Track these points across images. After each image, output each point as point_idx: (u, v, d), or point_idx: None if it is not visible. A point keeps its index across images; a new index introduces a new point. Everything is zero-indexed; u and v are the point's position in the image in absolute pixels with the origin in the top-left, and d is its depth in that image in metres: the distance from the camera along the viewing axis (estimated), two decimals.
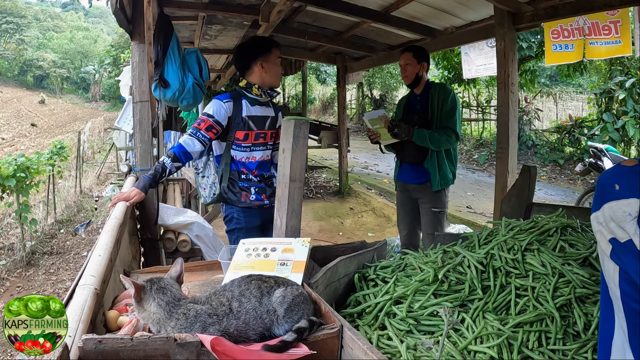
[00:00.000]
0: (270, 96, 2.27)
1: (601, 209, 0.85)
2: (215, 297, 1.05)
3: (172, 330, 0.98)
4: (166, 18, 3.06)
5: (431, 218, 2.91)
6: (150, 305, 1.02)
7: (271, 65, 2.23)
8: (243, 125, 2.19)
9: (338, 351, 1.04)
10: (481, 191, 7.38)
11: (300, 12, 4.48)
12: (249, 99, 2.24)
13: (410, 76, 2.88)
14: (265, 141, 2.28)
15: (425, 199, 2.93)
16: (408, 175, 3.01)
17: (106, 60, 22.87)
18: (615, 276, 0.82)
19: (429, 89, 2.89)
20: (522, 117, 9.97)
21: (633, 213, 0.78)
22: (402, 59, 2.90)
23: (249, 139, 2.22)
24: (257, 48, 2.24)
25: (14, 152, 10.87)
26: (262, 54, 2.22)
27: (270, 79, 2.25)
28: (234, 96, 2.23)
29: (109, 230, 1.61)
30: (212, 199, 2.26)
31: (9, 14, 40.56)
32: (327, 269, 1.34)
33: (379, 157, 10.71)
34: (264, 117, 2.27)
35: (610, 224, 0.82)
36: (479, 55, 5.25)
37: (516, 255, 1.35)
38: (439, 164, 2.85)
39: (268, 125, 2.29)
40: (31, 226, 5.48)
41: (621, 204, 0.80)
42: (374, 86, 17.57)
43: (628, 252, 0.79)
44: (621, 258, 0.80)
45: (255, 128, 2.23)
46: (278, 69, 2.26)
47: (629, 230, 0.78)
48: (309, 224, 6.01)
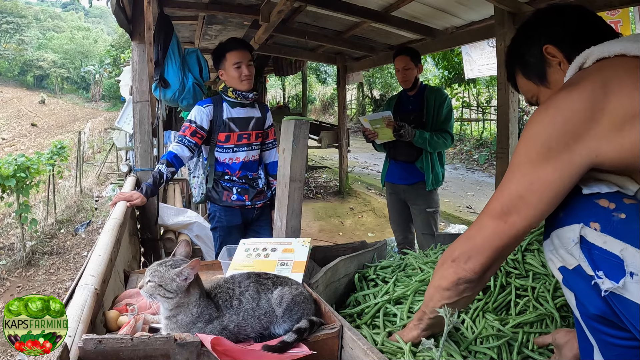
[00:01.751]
0: (245, 98, 2.26)
1: (550, 237, 0.87)
2: (219, 291, 1.05)
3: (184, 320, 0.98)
4: (166, 18, 3.06)
5: (425, 218, 2.93)
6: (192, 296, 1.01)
7: (227, 70, 2.24)
8: (224, 127, 2.25)
9: (338, 351, 1.04)
10: (481, 191, 7.37)
11: (300, 12, 4.47)
12: (229, 101, 2.28)
13: (411, 79, 2.91)
14: (249, 142, 2.32)
15: (417, 200, 2.96)
16: (398, 176, 3.03)
17: (106, 60, 22.91)
18: (572, 300, 0.84)
19: (424, 91, 2.93)
20: (522, 117, 9.96)
21: (575, 239, 0.80)
22: (400, 62, 2.90)
23: (230, 141, 2.27)
24: (215, 57, 2.29)
25: (14, 152, 10.88)
26: (218, 61, 2.27)
27: (232, 84, 2.25)
28: (214, 100, 2.28)
29: (109, 230, 1.61)
30: (201, 198, 2.34)
31: (9, 14, 40.60)
32: (327, 269, 1.34)
33: (379, 157, 10.70)
34: (246, 118, 2.31)
35: (560, 250, 0.83)
36: (480, 55, 5.26)
37: (516, 256, 1.35)
38: (432, 164, 2.88)
39: (253, 125, 2.32)
40: (31, 226, 5.48)
41: (565, 231, 0.82)
42: (374, 86, 17.57)
43: (577, 277, 0.80)
44: (572, 284, 0.82)
45: (237, 129, 2.27)
46: (235, 73, 2.22)
47: (576, 255, 0.80)
48: (309, 224, 6.01)
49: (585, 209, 0.80)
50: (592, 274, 0.77)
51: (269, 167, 2.45)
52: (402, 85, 2.99)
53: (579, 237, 0.79)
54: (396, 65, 2.94)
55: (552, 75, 0.97)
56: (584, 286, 0.79)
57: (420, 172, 2.91)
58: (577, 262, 0.80)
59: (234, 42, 2.31)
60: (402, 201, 3.08)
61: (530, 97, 1.04)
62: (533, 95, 1.03)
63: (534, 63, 0.99)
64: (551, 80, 0.97)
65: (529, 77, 1.01)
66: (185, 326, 0.99)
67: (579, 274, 0.80)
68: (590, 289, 0.77)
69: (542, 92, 1.00)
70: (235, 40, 2.33)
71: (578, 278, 0.80)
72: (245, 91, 2.26)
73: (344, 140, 7.35)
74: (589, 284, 0.77)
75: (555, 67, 0.96)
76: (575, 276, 0.80)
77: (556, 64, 0.95)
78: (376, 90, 17.72)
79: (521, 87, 1.06)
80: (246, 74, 2.23)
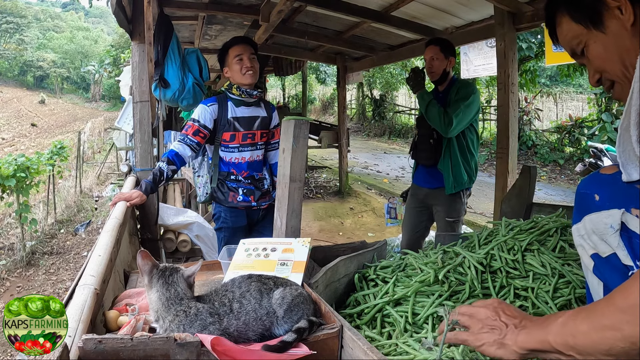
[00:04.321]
0: (250, 95, 2.25)
1: (582, 221, 0.82)
2: (217, 295, 1.05)
3: (170, 325, 0.98)
4: (166, 18, 3.06)
5: (444, 227, 2.73)
6: (152, 294, 1.03)
7: (230, 65, 2.25)
8: (229, 126, 2.23)
9: (338, 351, 1.04)
10: (481, 191, 7.38)
11: (300, 12, 4.47)
12: (234, 100, 2.26)
13: (438, 71, 2.66)
14: (254, 141, 2.30)
15: (439, 206, 2.76)
16: (423, 179, 2.86)
17: (106, 60, 22.87)
18: (599, 290, 0.79)
19: (452, 86, 2.67)
20: (522, 117, 9.97)
21: (615, 225, 0.74)
22: (428, 53, 2.67)
23: (235, 140, 2.25)
24: (220, 56, 2.31)
25: (14, 152, 10.87)
26: (222, 59, 2.29)
27: (236, 79, 2.24)
28: (219, 99, 2.26)
29: (109, 230, 1.61)
30: (205, 197, 2.32)
31: (9, 14, 40.59)
32: (327, 269, 1.34)
33: (379, 157, 10.72)
34: (251, 117, 2.29)
35: (593, 237, 0.78)
36: (477, 55, 5.25)
37: (516, 256, 1.35)
38: (452, 164, 2.65)
39: (257, 125, 2.30)
40: (31, 226, 5.48)
41: (602, 216, 0.77)
42: (374, 86, 17.55)
43: (611, 267, 0.75)
44: (604, 274, 0.77)
45: (241, 129, 2.25)
46: (237, 66, 2.22)
47: (612, 244, 0.75)
48: (309, 224, 6.01)
49: (627, 194, 0.75)
50: (629, 263, 0.72)
51: (274, 167, 2.41)
52: (429, 77, 2.73)
53: (619, 224, 0.73)
54: (425, 56, 2.72)
55: (609, 20, 0.83)
56: (618, 277, 0.73)
57: (441, 174, 2.70)
58: (612, 251, 0.74)
59: (235, 38, 2.34)
60: (425, 204, 2.88)
61: (575, 45, 0.90)
62: (580, 42, 0.88)
63: (589, 3, 0.85)
64: (607, 24, 0.83)
65: (579, 19, 0.87)
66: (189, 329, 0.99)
67: (612, 263, 0.74)
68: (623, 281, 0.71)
69: (593, 38, 0.86)
70: (237, 37, 2.37)
71: (611, 267, 0.75)
72: (248, 86, 2.24)
73: (344, 140, 7.35)
74: (623, 275, 0.72)
75: (613, 11, 0.82)
76: (609, 265, 0.75)
77: (615, 7, 0.82)
78: (376, 90, 17.70)
79: (564, 34, 0.92)
80: (248, 66, 2.21)
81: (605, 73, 0.86)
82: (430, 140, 2.71)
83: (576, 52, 0.90)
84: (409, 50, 5.11)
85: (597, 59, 0.86)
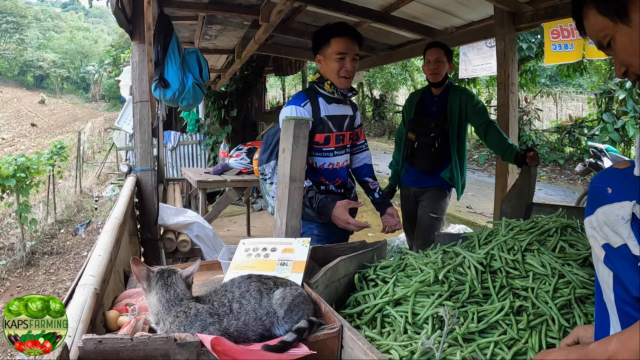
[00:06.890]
0: (344, 96, 1.97)
1: (595, 213, 0.83)
2: (216, 296, 1.05)
3: (171, 326, 0.98)
4: (166, 18, 3.06)
5: (427, 222, 2.76)
6: (152, 297, 1.03)
7: (328, 58, 1.90)
8: (322, 127, 1.91)
9: (338, 351, 1.04)
10: (481, 191, 7.37)
11: (300, 12, 4.47)
12: (325, 96, 1.95)
13: (441, 74, 2.68)
14: (344, 144, 2.02)
15: (425, 201, 2.79)
16: (414, 180, 2.87)
17: (106, 60, 22.90)
18: (609, 281, 0.80)
19: (448, 92, 2.71)
20: (522, 117, 9.96)
21: (626, 216, 0.77)
22: (432, 54, 2.67)
23: (330, 142, 1.94)
24: (318, 39, 1.93)
25: (14, 152, 10.88)
26: (320, 44, 1.92)
27: (329, 75, 1.91)
28: (309, 95, 1.94)
29: (109, 230, 1.61)
30: None
31: (9, 14, 40.58)
32: (327, 269, 1.34)
33: (379, 157, 10.71)
34: (342, 116, 1.99)
35: (604, 228, 0.80)
36: (476, 55, 5.26)
37: (516, 256, 1.35)
38: (460, 172, 2.73)
39: (347, 125, 2.02)
40: (31, 226, 5.48)
41: (614, 208, 0.79)
42: (374, 86, 17.55)
43: (621, 258, 0.77)
44: (614, 264, 0.79)
45: (334, 129, 1.95)
46: (336, 65, 1.87)
47: (623, 234, 0.77)
48: None
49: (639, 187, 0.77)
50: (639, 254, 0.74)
51: (364, 169, 2.18)
52: (431, 79, 2.70)
53: (630, 215, 0.75)
54: (427, 57, 2.70)
55: (634, 13, 0.82)
56: (628, 267, 0.75)
57: (437, 178, 2.74)
58: (622, 242, 0.76)
59: (343, 27, 1.92)
60: (413, 202, 2.90)
61: (602, 38, 0.89)
62: (606, 35, 0.88)
63: None
64: (632, 17, 0.83)
65: (605, 11, 0.86)
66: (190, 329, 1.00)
67: (623, 254, 0.76)
68: (633, 271, 0.74)
69: (619, 31, 0.85)
70: (345, 26, 1.93)
71: (622, 257, 0.77)
72: (343, 89, 1.94)
73: None
74: (633, 265, 0.74)
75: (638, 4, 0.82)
76: (619, 255, 0.77)
77: None
78: (376, 90, 17.71)
79: (591, 26, 0.91)
80: (347, 69, 1.89)
81: (631, 67, 0.87)
82: (431, 149, 2.70)
83: (603, 44, 0.90)
84: (409, 50, 5.11)
85: (623, 52, 0.87)
